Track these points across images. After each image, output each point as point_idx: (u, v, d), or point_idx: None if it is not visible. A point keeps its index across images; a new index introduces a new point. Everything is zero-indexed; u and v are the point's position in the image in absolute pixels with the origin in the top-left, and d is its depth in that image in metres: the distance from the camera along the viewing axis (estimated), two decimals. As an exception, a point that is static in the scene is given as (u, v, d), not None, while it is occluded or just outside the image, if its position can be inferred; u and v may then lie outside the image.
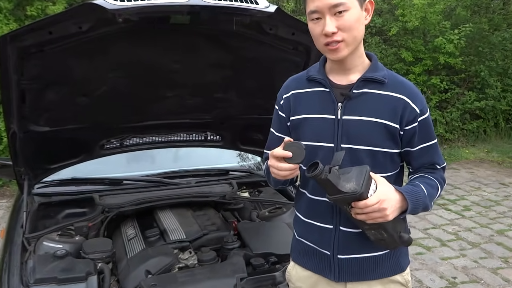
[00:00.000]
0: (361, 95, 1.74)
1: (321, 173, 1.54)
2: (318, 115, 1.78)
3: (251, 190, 3.65)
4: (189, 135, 3.40)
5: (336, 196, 1.58)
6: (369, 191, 1.59)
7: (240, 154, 4.02)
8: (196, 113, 3.20)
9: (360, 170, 1.60)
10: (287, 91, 1.88)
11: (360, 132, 1.72)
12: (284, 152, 1.61)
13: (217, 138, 3.51)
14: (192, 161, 3.81)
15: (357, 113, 1.73)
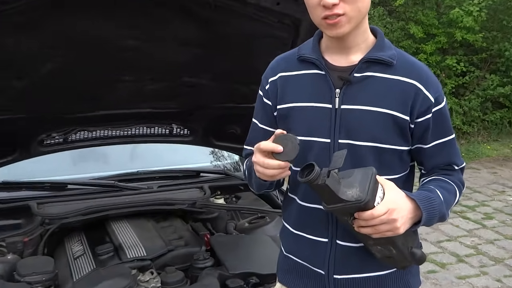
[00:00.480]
0: (364, 80, 1.76)
1: (318, 178, 1.54)
2: (311, 104, 1.79)
3: (227, 196, 3.65)
4: (150, 129, 3.40)
5: (336, 205, 1.58)
6: (375, 198, 1.60)
7: (214, 152, 4.02)
8: (159, 101, 3.19)
9: (365, 173, 1.60)
10: (274, 73, 1.89)
11: (362, 125, 1.73)
12: (274, 145, 1.62)
13: (185, 132, 3.50)
14: (154, 160, 3.80)
15: (359, 102, 1.75)
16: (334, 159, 1.60)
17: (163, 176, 3.68)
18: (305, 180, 1.55)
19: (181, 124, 3.46)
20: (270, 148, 1.63)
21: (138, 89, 3.02)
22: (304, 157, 1.75)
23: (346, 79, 1.75)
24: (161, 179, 3.65)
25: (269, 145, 1.63)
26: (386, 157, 1.75)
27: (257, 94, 1.97)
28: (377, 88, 1.74)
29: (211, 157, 4.06)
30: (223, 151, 4.02)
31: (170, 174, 3.73)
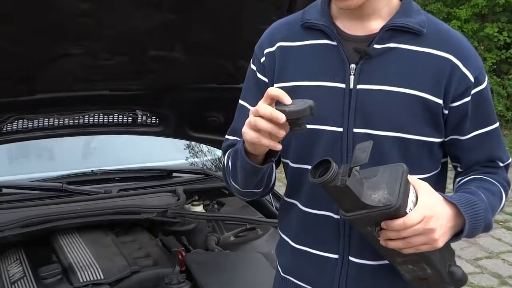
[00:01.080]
0: (386, 53, 1.76)
1: (336, 178, 1.55)
2: (318, 83, 1.79)
3: (207, 202, 3.66)
4: (108, 116, 3.41)
5: (359, 213, 1.59)
6: (407, 203, 1.61)
7: (190, 146, 4.05)
8: (119, 81, 3.20)
9: (394, 171, 1.62)
10: (272, 42, 1.89)
11: (383, 110, 1.74)
12: (283, 93, 1.60)
13: (153, 120, 3.51)
14: (113, 157, 3.83)
15: (380, 81, 1.75)
16: (357, 154, 1.59)
17: (125, 177, 3.69)
18: (320, 181, 1.55)
19: (147, 110, 3.47)
20: (277, 95, 1.61)
21: (92, 65, 3.01)
22: (309, 151, 1.77)
23: (363, 51, 1.75)
24: (123, 181, 3.66)
25: (275, 92, 1.61)
26: (413, 151, 1.75)
27: (248, 70, 1.97)
28: (403, 63, 1.75)
29: (186, 152, 4.07)
30: (202, 145, 4.02)
31: (134, 175, 3.73)
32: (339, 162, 1.63)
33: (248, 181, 1.84)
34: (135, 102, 3.41)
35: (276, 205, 3.62)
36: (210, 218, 3.47)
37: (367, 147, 1.59)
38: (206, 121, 3.52)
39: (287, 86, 1.82)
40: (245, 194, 1.94)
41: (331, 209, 1.79)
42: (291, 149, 1.85)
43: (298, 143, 1.80)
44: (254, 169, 1.76)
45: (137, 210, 3.31)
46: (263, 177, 1.83)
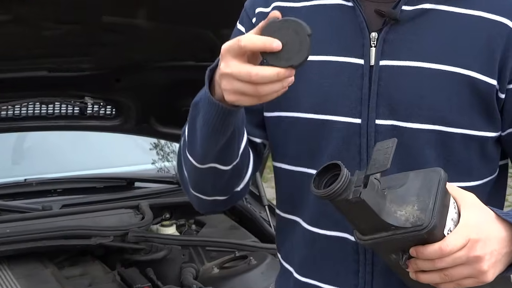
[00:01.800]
0: (420, 17, 1.76)
1: (347, 189, 1.52)
2: (327, 57, 1.80)
3: (181, 222, 3.70)
4: (47, 106, 3.44)
5: (379, 236, 1.57)
6: (445, 222, 1.59)
7: (159, 146, 4.08)
8: (61, 58, 3.23)
9: (427, 179, 1.60)
10: (267, 0, 1.91)
11: (415, 95, 1.73)
12: (267, 39, 1.55)
13: (109, 111, 3.55)
14: (54, 161, 3.85)
15: (411, 55, 1.74)
16: (376, 156, 1.57)
17: (71, 189, 3.71)
18: (326, 193, 1.52)
19: (100, 97, 3.50)
20: (260, 46, 1.59)
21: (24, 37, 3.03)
22: (314, 150, 1.77)
23: (389, 15, 1.73)
24: (67, 193, 3.68)
25: (257, 40, 1.59)
26: (457, 151, 1.74)
27: (233, 32, 1.97)
28: (442, 31, 1.74)
29: (153, 154, 4.08)
30: (175, 144, 4.00)
31: (82, 185, 3.76)
32: (355, 167, 1.63)
33: (211, 142, 1.77)
34: (84, 87, 3.42)
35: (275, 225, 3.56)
36: (186, 243, 3.48)
37: (390, 147, 1.57)
38: (180, 112, 3.40)
39: None
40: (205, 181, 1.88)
41: (347, 228, 1.76)
42: (289, 147, 1.85)
43: (301, 139, 1.80)
44: (222, 115, 1.68)
45: (87, 233, 3.32)
46: (233, 141, 1.78)
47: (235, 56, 1.55)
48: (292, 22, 1.55)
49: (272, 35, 1.53)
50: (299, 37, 1.54)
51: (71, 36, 3.10)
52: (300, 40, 1.53)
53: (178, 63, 3.32)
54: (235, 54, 1.55)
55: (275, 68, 1.53)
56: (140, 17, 3.08)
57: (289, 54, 1.54)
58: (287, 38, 1.53)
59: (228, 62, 1.56)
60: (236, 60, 1.55)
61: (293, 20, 1.55)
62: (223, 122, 1.70)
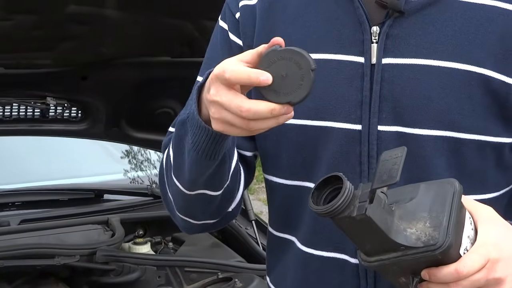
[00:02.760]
0: (427, 8, 1.76)
1: (350, 205, 1.50)
2: (322, 55, 1.78)
3: (157, 239, 3.69)
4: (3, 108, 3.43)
5: (387, 257, 1.56)
6: (461, 240, 1.58)
7: (131, 153, 4.11)
8: (18, 53, 3.22)
9: (440, 191, 1.59)
10: None
11: (423, 97, 1.73)
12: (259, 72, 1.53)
13: (74, 113, 3.55)
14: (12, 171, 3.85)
15: (417, 52, 1.74)
16: (382, 167, 1.56)
17: (31, 202, 3.70)
18: (326, 209, 1.49)
19: (64, 97, 3.49)
20: (245, 79, 1.56)
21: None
22: (310, 161, 1.77)
23: (392, 6, 1.73)
24: (27, 207, 3.66)
25: (242, 73, 1.56)
26: (471, 159, 1.74)
27: (215, 29, 1.97)
28: (453, 23, 1.74)
29: (125, 163, 4.09)
30: (149, 151, 4.05)
31: (44, 198, 3.73)
32: (355, 179, 1.64)
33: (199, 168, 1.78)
34: (45, 86, 3.41)
35: (263, 242, 3.61)
36: (163, 264, 3.46)
37: (399, 157, 1.54)
38: (155, 115, 3.52)
39: None
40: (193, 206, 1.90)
41: (346, 249, 1.79)
42: (282, 158, 1.84)
43: (295, 149, 1.79)
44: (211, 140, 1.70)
45: (50, 252, 3.30)
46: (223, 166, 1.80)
47: (225, 84, 1.55)
48: (296, 53, 1.55)
49: (270, 65, 1.53)
50: (301, 71, 1.53)
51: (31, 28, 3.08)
52: (302, 75, 1.53)
53: (152, 59, 3.32)
54: (223, 82, 1.55)
55: (270, 104, 1.53)
56: (108, 6, 3.05)
57: (287, 89, 1.54)
58: (288, 71, 1.53)
59: (217, 89, 1.56)
60: (226, 89, 1.56)
61: (296, 51, 1.55)
62: (214, 147, 1.71)
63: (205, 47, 1.99)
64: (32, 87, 3.42)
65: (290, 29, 1.84)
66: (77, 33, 3.15)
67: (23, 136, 3.57)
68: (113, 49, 3.26)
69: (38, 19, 3.05)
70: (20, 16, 3.01)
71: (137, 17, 3.10)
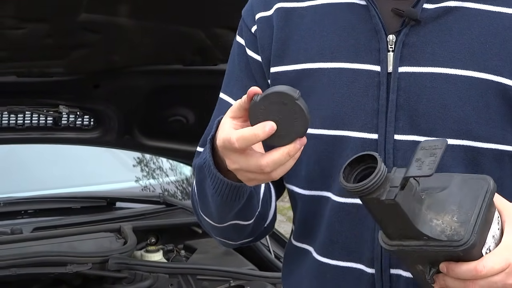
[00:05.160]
0: (443, 17, 1.75)
1: (381, 187, 1.51)
2: (338, 64, 1.79)
3: (169, 247, 3.68)
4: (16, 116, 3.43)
5: (408, 244, 1.56)
6: (486, 239, 1.58)
7: (143, 161, 4.11)
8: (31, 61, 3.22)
9: (474, 187, 1.58)
10: (267, 2, 1.91)
11: (440, 105, 1.73)
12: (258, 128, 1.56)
13: (86, 121, 3.55)
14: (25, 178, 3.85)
15: (434, 60, 1.74)
16: (420, 156, 1.56)
17: (43, 210, 3.69)
18: (356, 188, 1.50)
19: (77, 105, 3.49)
20: (255, 141, 1.56)
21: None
22: (327, 170, 1.77)
23: (408, 14, 1.73)
24: (39, 215, 3.66)
25: (250, 137, 1.55)
26: (488, 169, 1.72)
27: (233, 45, 1.97)
28: (469, 32, 1.74)
29: (137, 171, 4.10)
30: (161, 159, 4.05)
31: (56, 206, 3.74)
32: None
33: (225, 209, 1.82)
34: (58, 94, 3.42)
35: (275, 250, 3.62)
36: (175, 271, 3.46)
37: (438, 149, 1.55)
38: (167, 123, 3.53)
39: (290, 71, 1.84)
40: (227, 233, 1.93)
41: (362, 259, 1.78)
42: (301, 168, 1.83)
43: (312, 159, 1.78)
44: (232, 189, 1.73)
45: (62, 259, 3.30)
46: (251, 200, 1.81)
47: (237, 151, 1.57)
48: (274, 95, 1.57)
49: (260, 117, 1.56)
50: (289, 107, 1.55)
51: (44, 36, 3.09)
52: (292, 109, 1.55)
53: (164, 67, 3.32)
54: (236, 151, 1.58)
55: (283, 149, 1.56)
56: (120, 15, 3.07)
57: (288, 127, 1.56)
58: (278, 113, 1.55)
59: (232, 158, 1.59)
60: (240, 155, 1.58)
61: (273, 93, 1.57)
62: (237, 192, 1.72)
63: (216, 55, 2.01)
64: (45, 95, 3.43)
65: (306, 38, 1.84)
66: (89, 41, 3.15)
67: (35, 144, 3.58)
68: (125, 57, 3.27)
69: (50, 28, 3.06)
70: (31, 24, 3.02)
71: (149, 26, 3.12)
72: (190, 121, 3.48)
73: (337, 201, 1.79)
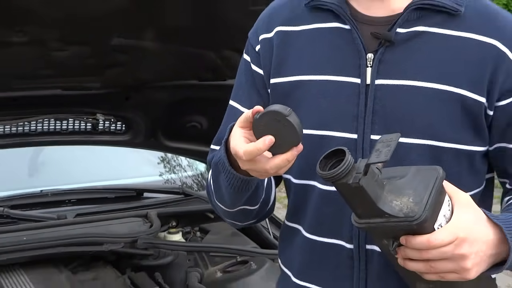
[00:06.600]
0: (413, 39, 1.76)
1: (349, 174, 1.54)
2: (326, 77, 1.80)
3: (187, 229, 3.69)
4: (61, 122, 3.43)
5: (373, 221, 1.58)
6: (437, 217, 1.58)
7: (166, 159, 4.11)
8: (74, 77, 3.21)
9: (426, 175, 1.60)
10: (269, 26, 1.91)
11: (409, 111, 1.74)
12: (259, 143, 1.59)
13: (119, 126, 3.55)
14: (68, 174, 3.85)
15: (405, 74, 1.75)
16: (379, 147, 1.58)
17: (84, 199, 3.70)
18: (329, 175, 1.53)
19: (111, 114, 3.50)
20: (257, 153, 1.60)
21: (39, 57, 3.02)
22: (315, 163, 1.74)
23: (384, 37, 1.74)
24: (80, 203, 3.67)
25: (253, 150, 1.60)
26: (448, 164, 1.71)
27: (240, 61, 1.98)
28: (434, 51, 1.74)
29: (160, 167, 4.11)
30: (180, 158, 4.06)
31: (94, 196, 3.75)
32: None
33: (237, 197, 1.85)
34: (96, 104, 3.42)
35: (274, 232, 3.64)
36: (191, 249, 3.48)
37: (393, 141, 1.58)
38: (185, 128, 3.54)
39: (286, 82, 1.85)
40: (236, 216, 1.95)
41: (343, 236, 1.80)
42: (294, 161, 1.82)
43: (302, 154, 1.76)
44: (243, 182, 1.76)
45: (99, 240, 3.31)
46: (258, 190, 1.85)
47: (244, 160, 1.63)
48: (269, 113, 1.60)
49: (262, 133, 1.60)
50: (282, 123, 1.57)
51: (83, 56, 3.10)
52: (284, 124, 1.58)
53: (183, 82, 3.33)
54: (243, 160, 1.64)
55: (283, 156, 1.60)
56: (146, 39, 3.08)
57: (285, 139, 1.59)
58: (275, 128, 1.58)
59: (242, 163, 1.65)
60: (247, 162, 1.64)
61: (268, 112, 1.60)
62: (247, 184, 1.77)
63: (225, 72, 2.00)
64: (84, 105, 3.44)
65: (301, 56, 1.85)
66: (121, 61, 3.16)
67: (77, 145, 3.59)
68: (151, 74, 3.28)
69: (89, 50, 3.07)
70: (74, 47, 3.03)
71: (171, 48, 3.13)
72: (204, 126, 3.50)
73: (322, 189, 1.81)
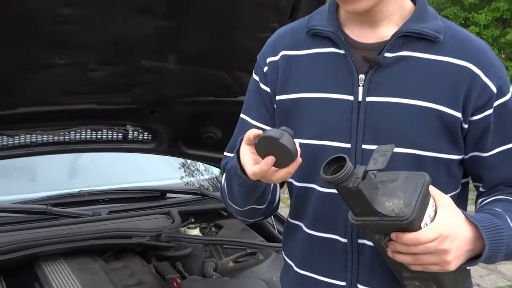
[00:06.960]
0: (399, 62, 1.77)
1: (349, 178, 1.55)
2: (324, 95, 1.82)
3: (204, 225, 3.69)
4: (96, 132, 3.43)
5: (368, 219, 1.60)
6: (423, 217, 1.60)
7: (185, 165, 4.11)
8: (108, 94, 3.22)
9: (414, 180, 1.62)
10: (275, 50, 1.93)
11: (395, 124, 1.75)
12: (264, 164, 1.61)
13: (145, 136, 3.55)
14: (102, 176, 3.86)
15: (391, 92, 1.76)
16: (376, 157, 1.61)
17: (115, 199, 3.71)
18: (332, 179, 1.55)
19: (139, 125, 3.49)
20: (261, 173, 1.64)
21: (78, 76, 3.02)
22: (313, 169, 1.76)
23: (374, 60, 1.76)
24: (112, 202, 3.68)
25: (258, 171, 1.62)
26: (428, 170, 1.70)
27: (250, 80, 2.00)
28: (417, 73, 1.75)
29: (181, 171, 4.11)
30: (198, 163, 4.06)
31: (124, 196, 3.76)
32: None
33: (247, 198, 1.86)
34: (126, 117, 3.44)
35: (278, 228, 3.66)
36: (207, 242, 3.49)
37: (388, 151, 1.60)
38: (202, 138, 3.56)
39: (290, 99, 1.86)
40: (247, 214, 1.96)
41: (338, 231, 1.82)
42: None
43: (302, 161, 1.77)
44: (252, 186, 1.77)
45: (128, 234, 3.33)
46: (265, 192, 1.85)
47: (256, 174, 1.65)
48: (265, 138, 1.62)
49: (264, 153, 1.62)
50: (277, 145, 1.59)
51: (116, 76, 3.11)
52: (278, 146, 1.59)
53: (200, 98, 3.35)
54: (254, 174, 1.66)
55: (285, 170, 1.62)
56: (170, 61, 3.09)
57: (283, 157, 1.61)
58: (273, 148, 1.60)
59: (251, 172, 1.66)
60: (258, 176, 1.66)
61: (264, 137, 1.62)
62: (256, 187, 1.78)
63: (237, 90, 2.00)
64: (116, 118, 3.46)
65: (303, 76, 1.86)
66: (148, 80, 3.17)
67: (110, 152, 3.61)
68: (173, 92, 3.29)
69: (120, 70, 3.08)
70: (109, 67, 3.04)
71: (190, 69, 3.14)
72: (218, 136, 3.53)
73: (320, 191, 1.82)
